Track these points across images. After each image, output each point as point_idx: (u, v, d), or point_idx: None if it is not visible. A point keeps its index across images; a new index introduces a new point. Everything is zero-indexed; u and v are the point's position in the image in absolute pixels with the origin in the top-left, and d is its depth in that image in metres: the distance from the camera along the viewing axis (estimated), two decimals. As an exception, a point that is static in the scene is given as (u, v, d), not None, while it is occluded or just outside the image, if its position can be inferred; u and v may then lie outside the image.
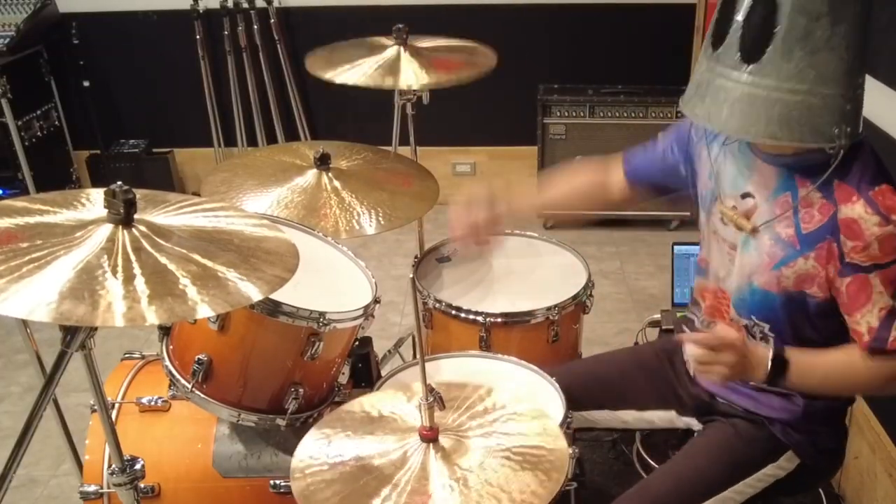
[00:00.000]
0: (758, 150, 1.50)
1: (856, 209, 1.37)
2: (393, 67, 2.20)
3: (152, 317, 1.07)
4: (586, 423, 1.80)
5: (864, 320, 1.41)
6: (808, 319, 1.49)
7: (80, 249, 1.14)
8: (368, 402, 1.44)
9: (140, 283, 1.10)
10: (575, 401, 1.70)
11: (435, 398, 1.29)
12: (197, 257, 1.19)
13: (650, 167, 1.75)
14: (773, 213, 1.48)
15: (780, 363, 1.42)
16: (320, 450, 1.33)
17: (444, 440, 1.30)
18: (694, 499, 1.55)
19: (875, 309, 1.39)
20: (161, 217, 1.28)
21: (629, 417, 1.79)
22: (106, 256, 1.13)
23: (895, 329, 1.39)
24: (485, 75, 2.23)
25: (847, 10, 1.28)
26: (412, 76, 2.18)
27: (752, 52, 1.31)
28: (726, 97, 1.34)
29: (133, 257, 1.14)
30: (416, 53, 2.25)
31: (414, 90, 2.26)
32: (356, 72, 2.17)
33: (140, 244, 1.17)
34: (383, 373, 2.08)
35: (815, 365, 1.47)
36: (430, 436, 1.30)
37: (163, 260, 1.16)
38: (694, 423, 1.73)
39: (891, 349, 1.40)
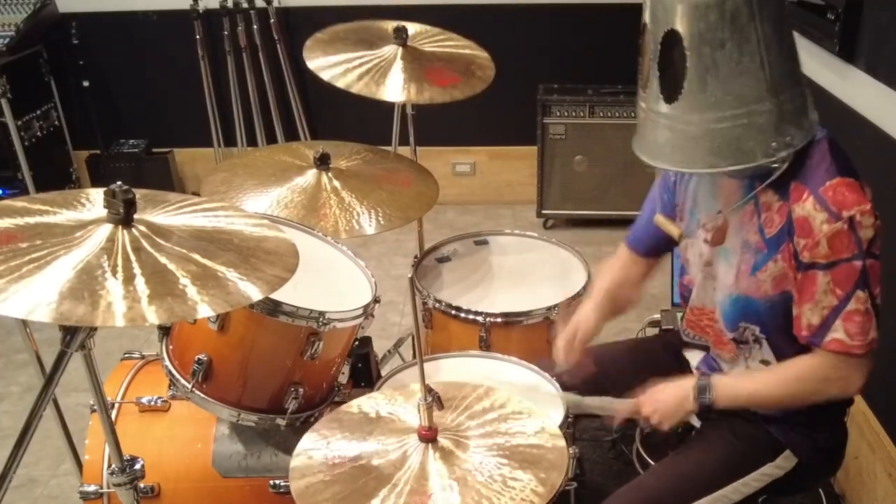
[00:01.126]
0: None
1: (805, 207, 1.39)
2: (386, 73, 2.15)
3: (152, 317, 1.07)
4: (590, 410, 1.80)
5: (806, 315, 1.43)
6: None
7: (79, 249, 1.14)
8: (367, 403, 1.44)
9: (140, 283, 1.10)
10: (578, 388, 1.70)
11: (433, 398, 1.30)
12: (197, 257, 1.19)
13: (647, 233, 1.77)
14: (742, 222, 1.51)
15: (703, 388, 1.51)
16: (319, 450, 1.33)
17: (443, 440, 1.31)
18: (689, 496, 1.55)
19: (818, 308, 1.41)
20: (161, 217, 1.28)
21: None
22: (106, 256, 1.13)
23: (832, 331, 1.40)
24: (482, 89, 2.20)
25: (750, 30, 1.30)
26: (403, 91, 2.11)
27: (670, 91, 1.34)
28: (660, 135, 1.38)
29: (133, 257, 1.15)
30: (414, 59, 2.20)
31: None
32: (352, 76, 2.14)
33: (140, 244, 1.18)
34: (383, 373, 2.08)
35: (741, 382, 1.54)
36: (428, 436, 1.30)
37: (163, 260, 1.16)
38: (693, 418, 1.73)
39: (825, 349, 1.41)
